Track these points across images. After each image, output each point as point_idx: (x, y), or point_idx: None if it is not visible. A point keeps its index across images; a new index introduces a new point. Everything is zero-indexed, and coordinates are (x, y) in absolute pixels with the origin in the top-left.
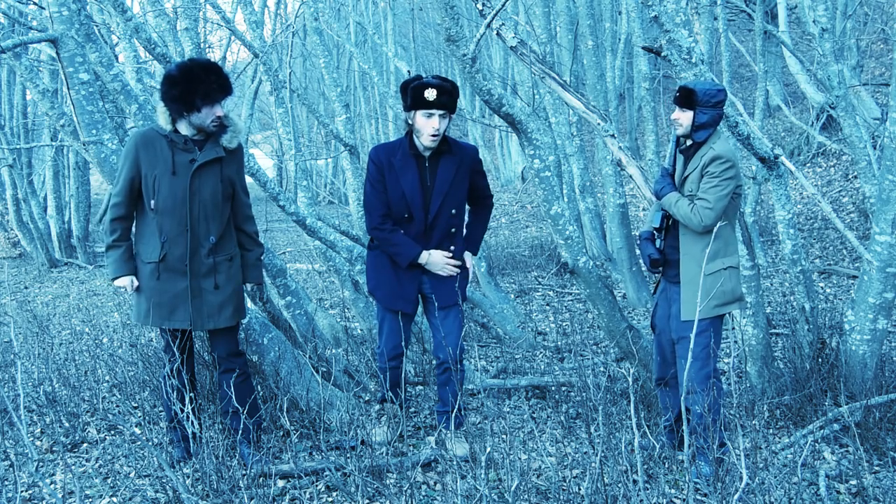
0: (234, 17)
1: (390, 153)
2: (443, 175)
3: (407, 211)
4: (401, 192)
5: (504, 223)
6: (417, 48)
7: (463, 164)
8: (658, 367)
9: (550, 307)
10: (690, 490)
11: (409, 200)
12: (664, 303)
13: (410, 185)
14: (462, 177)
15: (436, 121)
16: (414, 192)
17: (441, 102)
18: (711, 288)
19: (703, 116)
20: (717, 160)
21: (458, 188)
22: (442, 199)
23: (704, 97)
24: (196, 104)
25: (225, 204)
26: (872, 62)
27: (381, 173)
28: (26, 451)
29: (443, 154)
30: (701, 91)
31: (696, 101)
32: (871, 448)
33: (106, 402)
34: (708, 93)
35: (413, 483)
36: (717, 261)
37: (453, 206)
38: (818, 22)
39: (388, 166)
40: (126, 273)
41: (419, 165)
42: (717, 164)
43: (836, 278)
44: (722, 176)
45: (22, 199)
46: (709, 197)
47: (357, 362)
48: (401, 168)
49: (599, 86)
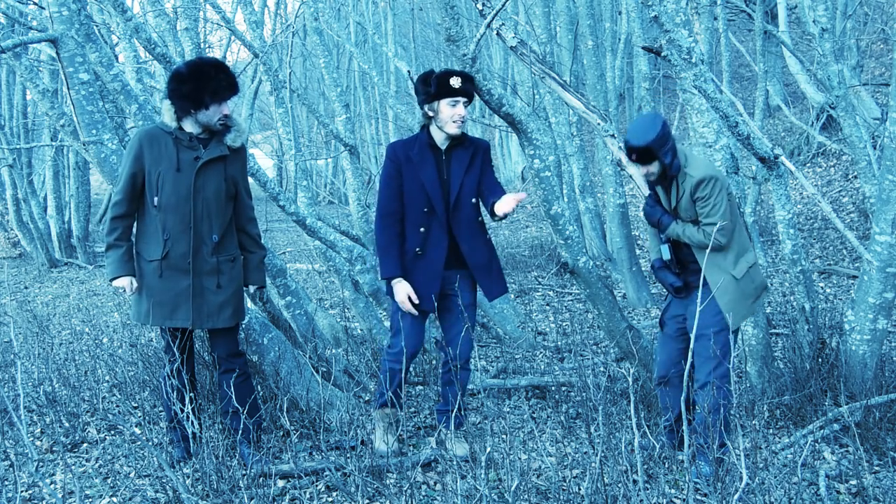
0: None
1: (408, 147)
2: (458, 166)
3: (427, 204)
4: (420, 183)
5: (504, 223)
6: (417, 48)
7: (476, 155)
8: (660, 365)
9: (550, 307)
10: (690, 490)
11: (429, 192)
12: (679, 302)
13: (430, 177)
14: (475, 167)
15: (461, 108)
16: (433, 184)
17: (465, 89)
18: (747, 288)
19: (667, 157)
20: (702, 184)
21: (473, 178)
22: (459, 188)
23: (659, 143)
24: (205, 101)
25: (227, 203)
26: (872, 62)
27: (398, 169)
28: (26, 451)
29: (457, 146)
30: (654, 141)
31: (655, 152)
32: (871, 448)
33: (106, 402)
34: (658, 137)
35: (413, 483)
36: (742, 262)
37: (472, 196)
38: (818, 22)
39: (405, 160)
40: (125, 273)
41: (436, 157)
42: (704, 187)
43: (836, 278)
44: (714, 195)
45: (22, 199)
46: (714, 219)
47: (357, 362)
48: (419, 161)
49: (599, 86)
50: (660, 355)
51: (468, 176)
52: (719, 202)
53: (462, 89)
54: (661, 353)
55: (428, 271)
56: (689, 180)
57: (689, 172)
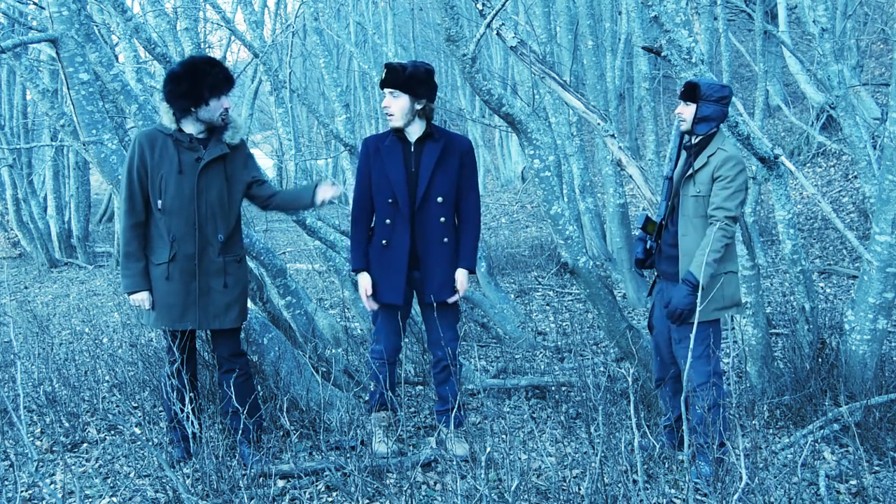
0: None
1: (380, 140)
2: (427, 160)
3: (391, 195)
4: (385, 175)
5: (504, 223)
6: (417, 48)
7: (449, 152)
8: (657, 367)
9: (550, 307)
10: (690, 490)
11: (393, 183)
12: (661, 303)
13: (395, 169)
14: (447, 164)
15: (387, 100)
16: (398, 175)
17: (387, 81)
18: (710, 290)
19: (706, 109)
20: (729, 161)
21: (444, 175)
22: (427, 182)
23: (708, 91)
24: (205, 97)
25: (231, 202)
26: (872, 62)
27: (368, 161)
28: (26, 451)
29: (427, 139)
30: (704, 85)
31: (699, 94)
32: (871, 448)
33: (106, 402)
34: (711, 87)
35: (413, 483)
36: (722, 265)
37: (439, 194)
38: (818, 22)
39: (374, 151)
40: (144, 288)
41: (405, 150)
42: (730, 167)
43: (836, 278)
44: (736, 179)
45: (22, 199)
46: (727, 204)
47: (357, 362)
48: (387, 152)
49: (599, 86)
50: (655, 358)
51: (440, 173)
52: (738, 189)
53: (383, 81)
54: (656, 355)
55: (391, 264)
56: (719, 154)
57: (723, 147)
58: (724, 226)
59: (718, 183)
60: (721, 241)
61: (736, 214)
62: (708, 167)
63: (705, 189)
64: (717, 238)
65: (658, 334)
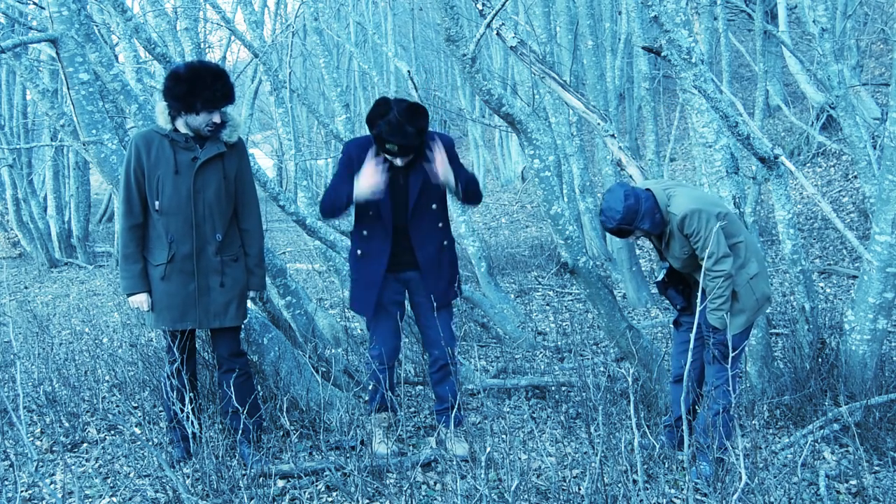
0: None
1: (362, 148)
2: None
3: (373, 207)
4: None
5: (504, 223)
6: (417, 48)
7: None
8: (675, 364)
9: (550, 307)
10: (690, 490)
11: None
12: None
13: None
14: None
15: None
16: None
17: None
18: (748, 300)
19: (644, 223)
20: (685, 219)
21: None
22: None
23: (628, 219)
24: (196, 107)
25: (228, 201)
26: (872, 62)
27: (350, 166)
28: (26, 451)
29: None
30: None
31: (632, 224)
32: (871, 448)
33: (106, 402)
34: (626, 215)
35: (413, 483)
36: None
37: (433, 202)
38: (818, 22)
39: (357, 161)
40: (143, 290)
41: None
42: (689, 223)
43: (836, 278)
44: (702, 227)
45: (22, 199)
46: (711, 249)
47: (357, 362)
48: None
49: (599, 86)
50: (674, 354)
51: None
52: (708, 234)
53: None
54: (675, 351)
55: (364, 277)
56: (672, 219)
57: (672, 211)
58: (714, 276)
59: (691, 239)
60: (720, 288)
61: (723, 253)
62: (673, 236)
63: (687, 247)
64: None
65: (683, 331)
